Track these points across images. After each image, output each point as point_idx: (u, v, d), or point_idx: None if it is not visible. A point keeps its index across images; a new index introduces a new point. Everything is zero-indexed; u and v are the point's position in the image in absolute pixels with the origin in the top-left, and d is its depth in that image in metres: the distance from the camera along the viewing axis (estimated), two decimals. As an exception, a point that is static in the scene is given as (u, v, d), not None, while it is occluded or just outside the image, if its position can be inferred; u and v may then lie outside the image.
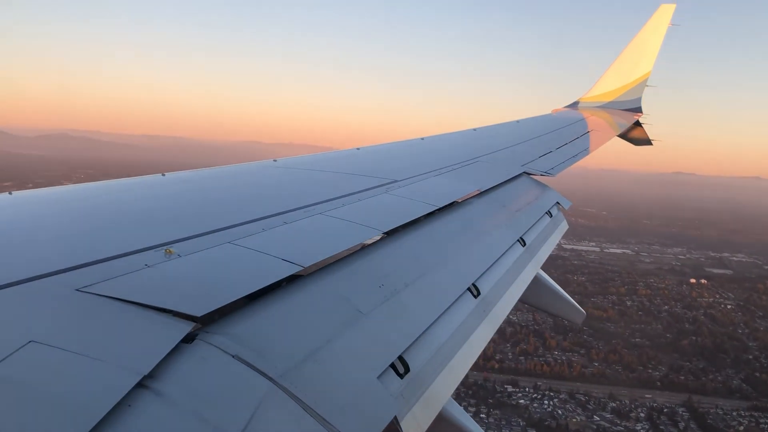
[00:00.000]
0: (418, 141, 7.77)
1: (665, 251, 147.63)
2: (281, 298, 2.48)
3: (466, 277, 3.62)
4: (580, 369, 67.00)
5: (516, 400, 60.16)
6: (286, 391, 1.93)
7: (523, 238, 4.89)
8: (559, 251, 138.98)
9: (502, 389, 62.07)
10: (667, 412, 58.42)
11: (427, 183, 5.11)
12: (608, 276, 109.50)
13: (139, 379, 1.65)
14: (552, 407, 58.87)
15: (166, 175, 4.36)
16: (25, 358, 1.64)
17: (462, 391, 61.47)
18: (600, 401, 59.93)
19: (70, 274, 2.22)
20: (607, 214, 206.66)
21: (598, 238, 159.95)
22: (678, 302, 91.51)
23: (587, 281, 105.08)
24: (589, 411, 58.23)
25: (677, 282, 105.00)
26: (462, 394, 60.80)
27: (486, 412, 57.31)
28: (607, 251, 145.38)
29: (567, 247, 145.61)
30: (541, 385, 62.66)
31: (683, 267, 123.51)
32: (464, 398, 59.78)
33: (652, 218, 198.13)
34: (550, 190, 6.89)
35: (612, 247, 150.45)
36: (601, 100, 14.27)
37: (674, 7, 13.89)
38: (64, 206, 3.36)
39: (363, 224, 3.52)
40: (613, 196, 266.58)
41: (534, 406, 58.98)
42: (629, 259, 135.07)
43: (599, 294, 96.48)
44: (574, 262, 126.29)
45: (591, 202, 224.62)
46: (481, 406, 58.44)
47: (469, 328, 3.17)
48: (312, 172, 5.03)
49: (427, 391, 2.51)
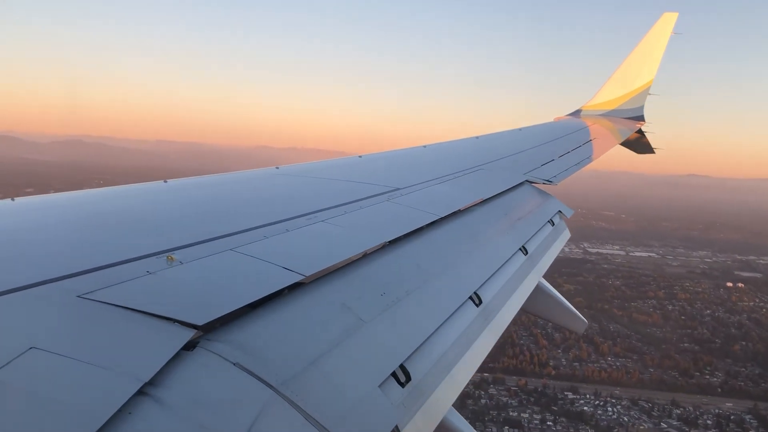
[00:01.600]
0: (421, 149, 7.72)
1: (690, 254, 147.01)
2: (282, 306, 2.47)
3: (468, 285, 3.59)
4: (638, 375, 66.59)
5: (579, 407, 59.78)
6: (287, 399, 1.92)
7: (525, 246, 4.86)
8: (585, 255, 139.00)
9: (563, 396, 61.69)
10: (734, 419, 57.98)
11: (429, 191, 5.06)
12: (642, 280, 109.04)
13: (139, 386, 1.64)
14: (617, 414, 58.49)
15: (168, 182, 4.32)
16: (26, 365, 1.63)
17: (524, 398, 61.25)
18: (664, 408, 59.50)
19: (71, 280, 2.20)
20: (626, 216, 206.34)
21: (621, 242, 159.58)
22: (719, 306, 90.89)
23: (623, 285, 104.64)
24: (655, 418, 57.79)
25: (713, 286, 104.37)
26: (524, 401, 60.59)
27: (552, 420, 56.98)
28: (632, 255, 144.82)
29: (592, 250, 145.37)
30: (602, 392, 62.25)
31: (712, 270, 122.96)
32: (527, 406, 59.52)
33: (672, 221, 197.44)
34: (552, 198, 6.83)
35: (637, 251, 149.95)
36: (603, 109, 14.24)
37: (677, 16, 13.86)
38: (66, 212, 3.33)
39: (365, 233, 3.50)
40: (628, 198, 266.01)
41: (599, 413, 58.58)
42: (656, 263, 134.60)
43: (638, 298, 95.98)
44: (604, 266, 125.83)
45: (608, 205, 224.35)
46: (545, 413, 58.07)
47: (470, 336, 3.15)
48: (314, 180, 5.00)
49: (429, 400, 2.49)
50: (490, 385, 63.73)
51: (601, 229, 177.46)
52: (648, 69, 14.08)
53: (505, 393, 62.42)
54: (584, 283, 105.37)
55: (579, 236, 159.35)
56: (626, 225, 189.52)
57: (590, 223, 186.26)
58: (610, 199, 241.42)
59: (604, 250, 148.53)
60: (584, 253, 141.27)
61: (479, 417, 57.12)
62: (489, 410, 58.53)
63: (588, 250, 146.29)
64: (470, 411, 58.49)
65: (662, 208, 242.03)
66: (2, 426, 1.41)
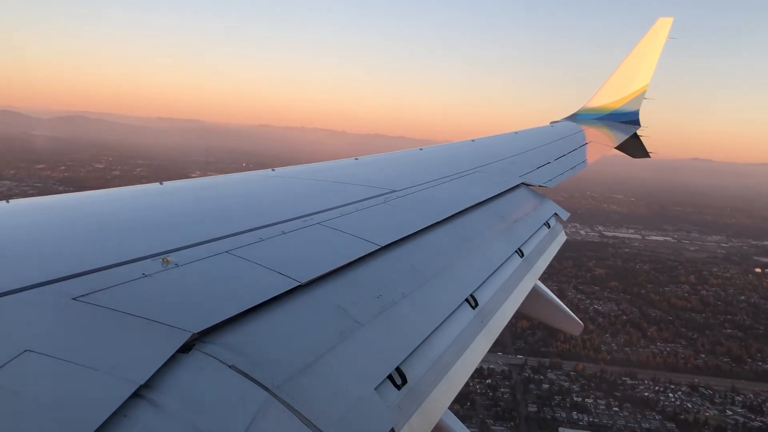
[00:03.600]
0: (417, 151, 7.77)
1: (705, 239, 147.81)
2: (278, 308, 2.45)
3: (464, 288, 3.60)
4: (692, 361, 66.86)
5: (640, 392, 59.96)
6: (283, 402, 1.93)
7: (521, 249, 4.88)
8: (602, 238, 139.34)
9: (622, 381, 61.83)
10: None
11: (425, 193, 5.07)
12: (669, 264, 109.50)
13: (135, 388, 1.64)
14: (679, 400, 58.75)
15: (164, 183, 4.34)
16: (21, 367, 1.63)
17: (584, 383, 61.33)
18: (725, 395, 59.84)
19: (66, 283, 2.19)
20: (636, 200, 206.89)
21: (635, 225, 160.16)
22: (752, 292, 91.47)
23: (652, 270, 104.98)
24: (718, 405, 58.12)
25: (741, 271, 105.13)
26: (585, 387, 60.67)
27: (618, 406, 57.12)
28: (648, 239, 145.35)
29: (608, 234, 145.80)
30: (660, 378, 62.46)
31: (731, 255, 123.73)
32: (589, 391, 59.62)
33: (683, 205, 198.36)
34: (548, 201, 6.84)
35: (652, 235, 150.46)
36: (599, 112, 14.39)
37: (672, 21, 13.94)
38: (61, 215, 3.31)
39: (361, 236, 3.48)
40: (634, 181, 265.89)
41: (661, 398, 58.81)
42: (674, 247, 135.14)
43: (671, 283, 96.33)
44: (626, 250, 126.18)
45: (616, 188, 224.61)
46: (609, 398, 58.19)
47: (466, 339, 3.17)
48: (310, 182, 5.01)
49: (425, 402, 2.50)
50: (548, 369, 63.78)
51: (613, 213, 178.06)
52: (644, 73, 14.17)
53: (564, 378, 62.47)
54: (614, 267, 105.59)
55: (592, 219, 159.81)
56: (637, 208, 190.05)
57: (602, 206, 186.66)
58: (617, 182, 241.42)
59: (620, 233, 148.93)
60: (601, 237, 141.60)
61: (546, 401, 57.21)
62: (553, 395, 58.59)
63: (604, 233, 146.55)
64: (535, 396, 58.59)
65: (669, 191, 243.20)
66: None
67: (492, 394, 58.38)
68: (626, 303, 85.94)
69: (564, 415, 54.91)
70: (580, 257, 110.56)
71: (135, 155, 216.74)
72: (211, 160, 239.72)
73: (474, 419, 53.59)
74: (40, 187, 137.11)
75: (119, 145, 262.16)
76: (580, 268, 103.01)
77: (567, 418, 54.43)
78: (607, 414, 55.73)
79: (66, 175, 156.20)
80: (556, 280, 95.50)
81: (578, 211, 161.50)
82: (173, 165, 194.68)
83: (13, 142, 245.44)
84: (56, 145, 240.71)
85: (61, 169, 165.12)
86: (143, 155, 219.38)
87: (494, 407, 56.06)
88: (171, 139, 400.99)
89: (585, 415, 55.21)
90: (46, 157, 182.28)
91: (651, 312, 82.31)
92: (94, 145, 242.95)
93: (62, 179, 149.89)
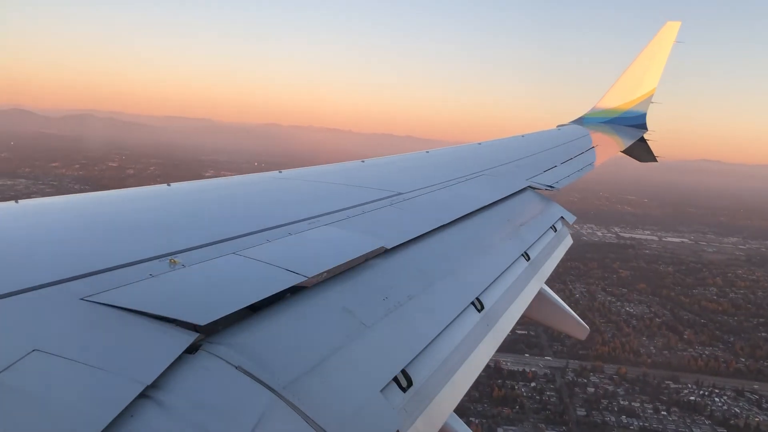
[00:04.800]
0: (423, 154, 7.79)
1: (722, 240, 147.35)
2: (284, 309, 2.47)
3: (470, 290, 3.60)
4: (734, 365, 66.39)
5: (685, 396, 59.48)
6: (289, 403, 1.94)
7: (528, 252, 4.89)
8: (619, 240, 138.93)
9: (665, 385, 61.35)
10: None
11: (431, 196, 5.06)
12: (693, 267, 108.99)
13: (142, 389, 1.65)
14: (726, 405, 58.25)
15: (172, 185, 4.32)
16: (29, 367, 1.64)
17: (628, 387, 60.87)
18: (773, 400, 59.33)
19: (74, 283, 2.20)
20: (649, 201, 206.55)
21: (651, 227, 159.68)
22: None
23: (676, 272, 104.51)
24: (766, 410, 57.64)
25: (767, 273, 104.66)
26: (630, 390, 60.21)
27: (666, 410, 56.64)
28: (665, 240, 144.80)
29: (624, 235, 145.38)
30: (703, 381, 61.96)
31: (752, 257, 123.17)
32: (634, 395, 59.16)
33: (696, 207, 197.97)
34: (555, 204, 6.81)
35: (668, 236, 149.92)
36: (606, 116, 14.26)
37: (680, 25, 13.85)
38: (69, 215, 3.31)
39: (367, 238, 3.46)
40: (644, 183, 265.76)
41: (707, 403, 58.31)
42: (692, 249, 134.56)
43: (698, 285, 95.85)
44: (646, 251, 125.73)
45: (628, 189, 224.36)
46: (656, 403, 57.69)
47: (472, 342, 3.16)
48: (316, 184, 5.02)
49: (430, 405, 2.51)
50: (590, 373, 63.28)
51: (627, 214, 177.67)
52: (651, 77, 14.09)
53: (608, 381, 61.98)
54: (638, 268, 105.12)
55: (608, 220, 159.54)
56: (651, 210, 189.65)
57: (615, 207, 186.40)
58: (626, 183, 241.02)
59: (636, 234, 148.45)
60: (618, 238, 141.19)
61: (593, 405, 56.70)
62: (599, 398, 58.09)
63: (621, 234, 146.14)
64: (581, 399, 58.10)
65: (680, 193, 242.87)
66: (5, 428, 1.42)
67: (539, 398, 57.90)
68: (657, 305, 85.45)
69: (613, 419, 54.40)
70: (603, 258, 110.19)
71: (147, 154, 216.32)
72: (222, 159, 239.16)
73: (525, 423, 53.15)
74: (56, 185, 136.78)
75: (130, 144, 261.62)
76: (605, 270, 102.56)
77: (617, 422, 53.93)
78: (656, 418, 55.22)
79: (81, 174, 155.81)
80: (584, 281, 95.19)
81: (591, 212, 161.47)
82: (185, 164, 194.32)
83: (26, 140, 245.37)
84: (68, 143, 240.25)
85: (76, 167, 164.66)
86: (155, 154, 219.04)
87: (543, 411, 55.58)
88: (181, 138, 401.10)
89: (634, 419, 54.69)
90: (60, 156, 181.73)
91: (683, 314, 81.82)
92: (105, 144, 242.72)
93: (77, 177, 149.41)
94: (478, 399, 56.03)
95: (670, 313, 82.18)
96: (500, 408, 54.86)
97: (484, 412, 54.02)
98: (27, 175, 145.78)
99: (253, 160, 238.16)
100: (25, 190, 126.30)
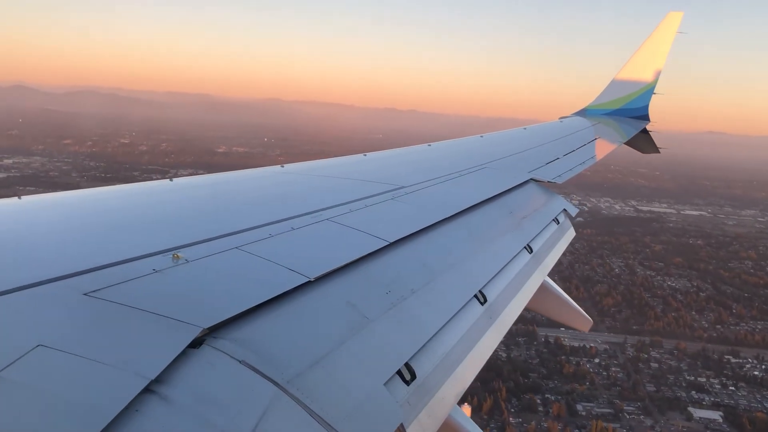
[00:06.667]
0: (425, 147, 7.78)
1: (740, 213, 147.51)
2: (288, 304, 2.46)
3: (473, 284, 3.60)
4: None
5: (749, 371, 59.45)
6: (292, 397, 1.95)
7: (530, 245, 4.87)
8: (638, 213, 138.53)
9: (726, 360, 61.27)
10: None
11: (434, 189, 5.06)
12: (721, 240, 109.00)
13: (146, 383, 1.66)
14: (791, 379, 58.23)
15: (174, 180, 4.35)
16: (33, 362, 1.65)
17: (690, 362, 60.73)
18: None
19: (78, 278, 2.21)
20: (661, 173, 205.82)
21: (667, 199, 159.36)
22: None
23: (706, 245, 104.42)
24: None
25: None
26: (692, 365, 60.09)
27: (734, 386, 56.57)
28: (684, 213, 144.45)
29: (643, 208, 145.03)
30: (764, 356, 61.89)
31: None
32: (697, 369, 59.06)
33: (710, 179, 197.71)
34: (558, 197, 6.80)
35: (686, 209, 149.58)
36: (608, 108, 14.27)
37: (682, 15, 13.78)
38: (73, 211, 3.33)
39: (370, 232, 3.46)
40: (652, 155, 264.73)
41: (773, 378, 58.26)
42: (713, 222, 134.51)
43: (732, 259, 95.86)
44: (669, 224, 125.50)
45: (638, 162, 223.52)
46: (721, 378, 57.61)
47: (475, 335, 3.17)
48: (319, 178, 5.03)
49: (434, 398, 2.52)
50: (650, 348, 63.10)
51: (642, 186, 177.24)
52: (653, 68, 13.98)
53: (669, 356, 61.87)
54: (669, 242, 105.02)
55: (624, 193, 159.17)
56: (665, 183, 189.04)
57: (628, 180, 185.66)
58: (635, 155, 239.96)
59: (654, 207, 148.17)
60: (636, 211, 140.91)
61: (660, 381, 56.57)
62: (665, 374, 57.97)
63: (639, 208, 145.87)
64: (647, 375, 57.94)
65: (689, 165, 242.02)
66: (10, 423, 1.43)
67: (606, 374, 57.68)
68: (697, 279, 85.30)
69: (684, 395, 54.28)
70: (632, 233, 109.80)
71: (156, 130, 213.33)
72: (230, 135, 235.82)
73: (600, 399, 52.92)
74: (71, 162, 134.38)
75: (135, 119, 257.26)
76: (637, 244, 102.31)
77: (687, 397, 53.84)
78: (725, 393, 55.15)
79: (94, 150, 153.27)
80: (620, 256, 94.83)
81: (605, 185, 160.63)
82: (196, 140, 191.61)
83: (34, 118, 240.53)
84: (73, 120, 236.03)
85: (88, 144, 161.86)
86: (164, 130, 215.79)
87: (614, 387, 55.39)
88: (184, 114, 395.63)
89: (704, 394, 54.60)
90: (70, 133, 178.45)
91: (725, 288, 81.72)
92: (111, 120, 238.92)
93: (91, 154, 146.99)
94: (548, 375, 55.83)
95: (712, 287, 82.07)
96: (573, 384, 54.60)
97: (557, 389, 53.82)
98: (41, 153, 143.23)
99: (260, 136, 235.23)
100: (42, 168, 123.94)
